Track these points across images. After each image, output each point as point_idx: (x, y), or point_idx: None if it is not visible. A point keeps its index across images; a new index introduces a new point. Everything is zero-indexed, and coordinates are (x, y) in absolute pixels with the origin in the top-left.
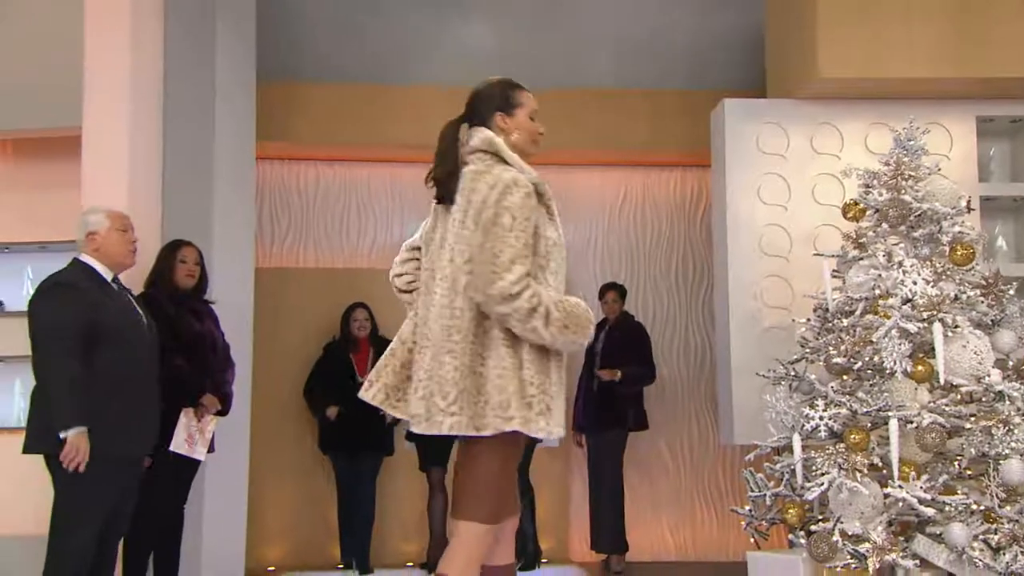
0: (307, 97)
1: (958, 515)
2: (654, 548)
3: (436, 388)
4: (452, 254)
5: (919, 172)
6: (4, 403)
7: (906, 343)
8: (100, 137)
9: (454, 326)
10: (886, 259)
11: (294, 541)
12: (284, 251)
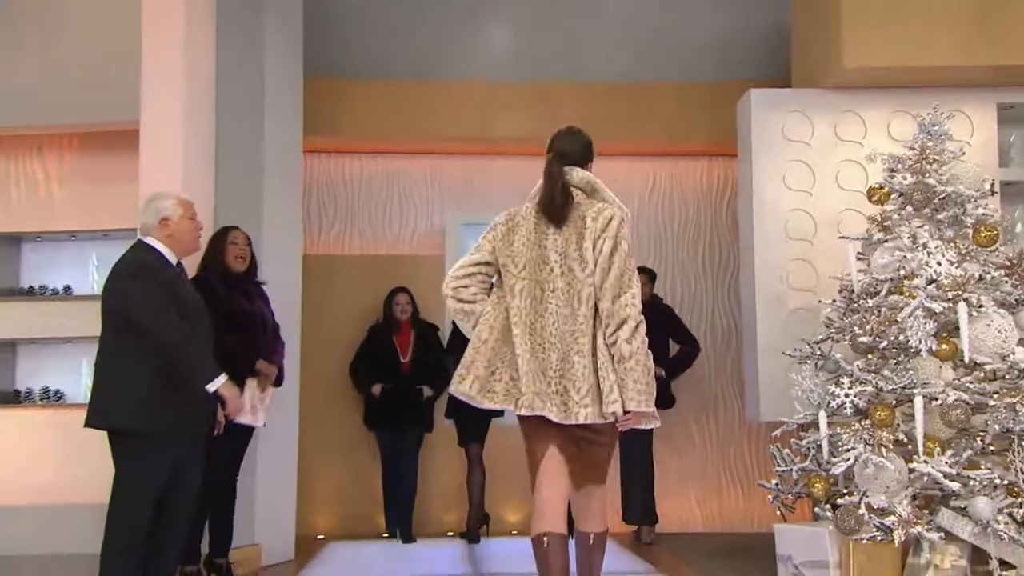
0: (351, 93)
1: (982, 489)
2: (682, 520)
3: (570, 384)
4: (566, 270)
5: (943, 156)
6: (72, 381)
7: (931, 322)
8: (156, 131)
9: (580, 331)
10: (911, 241)
11: (341, 511)
12: (331, 239)
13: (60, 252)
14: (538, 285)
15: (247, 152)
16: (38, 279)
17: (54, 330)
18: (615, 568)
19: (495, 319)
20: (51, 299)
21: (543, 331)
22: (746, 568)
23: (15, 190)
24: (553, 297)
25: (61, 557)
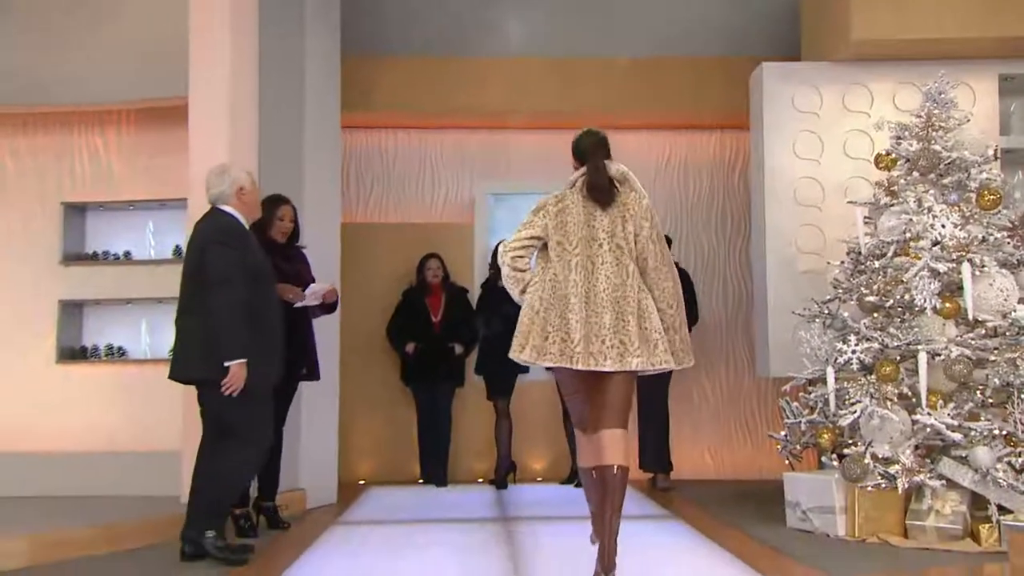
0: (386, 70)
1: (983, 440)
2: (695, 468)
3: (625, 338)
4: (615, 246)
5: (949, 123)
6: (133, 339)
7: (936, 282)
8: (204, 106)
9: (630, 296)
10: (916, 205)
11: (381, 459)
12: (368, 209)
13: (120, 220)
14: (589, 259)
15: (288, 127)
16: (101, 245)
17: (116, 292)
18: (632, 512)
19: (543, 290)
20: (113, 263)
21: (596, 298)
22: (756, 513)
23: (79, 163)
24: (603, 269)
25: (123, 497)
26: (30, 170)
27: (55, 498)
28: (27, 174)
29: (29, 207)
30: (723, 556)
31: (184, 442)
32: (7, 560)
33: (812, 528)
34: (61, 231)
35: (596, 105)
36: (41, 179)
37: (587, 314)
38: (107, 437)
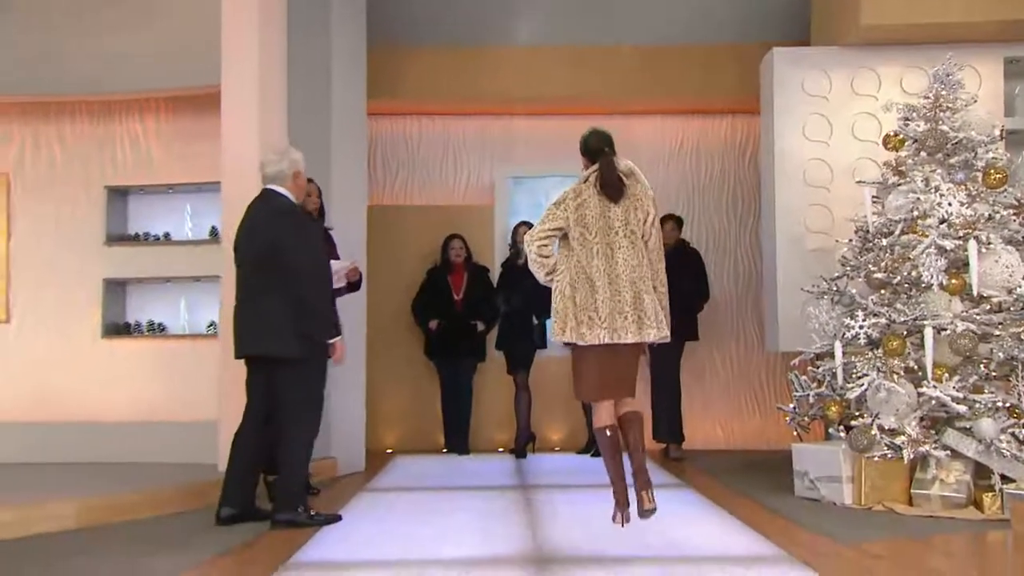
0: (409, 60)
1: (987, 411)
2: (706, 438)
3: (642, 314)
4: (629, 233)
5: (956, 104)
6: (173, 316)
7: (942, 259)
8: (235, 94)
9: (644, 276)
10: (924, 184)
11: (406, 429)
12: (395, 191)
13: (159, 203)
14: (608, 246)
15: (316, 114)
16: (142, 227)
17: (156, 271)
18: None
19: (571, 275)
20: (153, 244)
21: (617, 279)
22: (765, 482)
23: (121, 149)
24: (620, 253)
25: (163, 465)
26: (75, 156)
27: (101, 464)
28: (73, 160)
29: (75, 192)
30: (734, 523)
31: (220, 412)
32: (57, 522)
33: (819, 496)
34: (105, 214)
35: (612, 92)
36: (86, 165)
37: (611, 293)
38: (148, 408)
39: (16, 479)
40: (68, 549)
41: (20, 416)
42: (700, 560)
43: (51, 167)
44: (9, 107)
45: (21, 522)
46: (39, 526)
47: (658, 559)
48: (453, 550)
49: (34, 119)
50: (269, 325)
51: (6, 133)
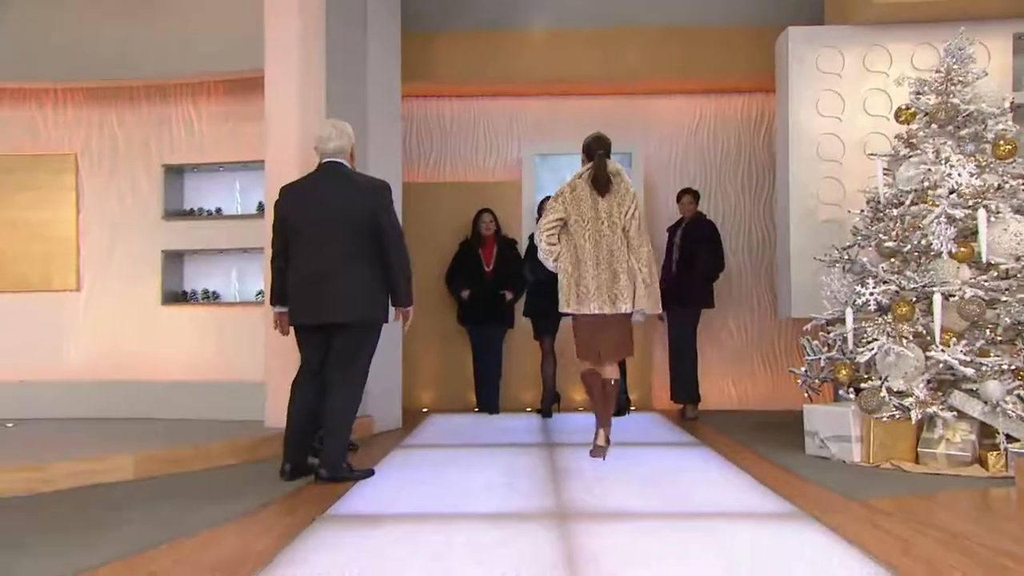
0: (442, 44)
1: (993, 374)
2: (720, 399)
3: (617, 292)
4: (611, 223)
5: (967, 78)
6: (225, 284)
7: (952, 228)
8: (277, 78)
9: (621, 260)
10: (935, 156)
11: (441, 390)
12: (428, 169)
13: (211, 180)
14: (597, 232)
15: (353, 96)
16: (196, 202)
17: (209, 243)
18: (664, 439)
19: (571, 257)
20: (207, 218)
21: (602, 262)
22: (777, 440)
23: (176, 130)
24: (606, 241)
25: (214, 421)
26: (136, 138)
27: (159, 420)
28: (133, 141)
29: (136, 170)
30: (746, 480)
31: (268, 374)
32: (115, 474)
33: (829, 455)
34: (162, 191)
35: (633, 72)
36: (145, 146)
37: (596, 273)
38: (202, 369)
39: (82, 433)
40: (124, 499)
41: (90, 376)
42: (713, 516)
43: (114, 148)
44: (76, 93)
45: (83, 473)
46: (100, 477)
47: (673, 515)
48: (479, 505)
49: (98, 104)
50: (362, 291)
51: (74, 117)
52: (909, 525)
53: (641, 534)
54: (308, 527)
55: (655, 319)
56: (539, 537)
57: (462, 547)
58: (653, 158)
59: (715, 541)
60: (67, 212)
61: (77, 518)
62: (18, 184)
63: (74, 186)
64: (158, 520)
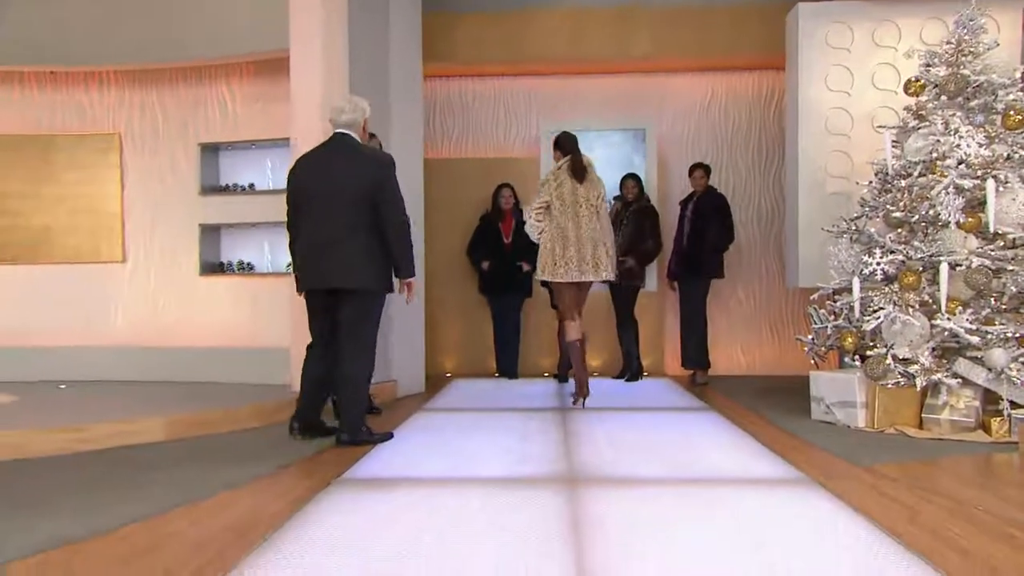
0: (462, 25)
1: (998, 342)
2: (729, 365)
3: (598, 261)
4: (588, 206)
5: (978, 48)
6: (258, 256)
7: (960, 198)
8: (302, 59)
9: (597, 236)
10: (943, 127)
11: (463, 356)
12: (450, 146)
13: (245, 157)
14: (576, 214)
15: (375, 77)
16: (231, 178)
17: (243, 217)
18: (674, 404)
19: (552, 235)
20: (241, 194)
21: (582, 238)
22: (783, 405)
23: (211, 110)
24: (583, 220)
25: (245, 385)
26: (174, 118)
27: (195, 384)
28: (172, 121)
29: (174, 149)
30: (753, 445)
31: (292, 340)
32: (147, 435)
33: (834, 420)
34: (199, 168)
35: (647, 51)
36: (183, 125)
37: (577, 248)
38: (237, 335)
39: (122, 396)
40: (152, 460)
41: (134, 341)
42: (720, 482)
43: (155, 127)
44: (120, 76)
45: (118, 434)
46: (133, 438)
47: (680, 480)
48: (493, 469)
49: (140, 86)
50: (362, 260)
51: (118, 99)
52: (914, 492)
53: (647, 499)
54: (324, 490)
55: (667, 288)
56: (549, 502)
57: (475, 512)
58: (666, 134)
59: (721, 507)
60: (112, 188)
61: (106, 478)
62: (67, 162)
63: (118, 164)
64: (181, 481)
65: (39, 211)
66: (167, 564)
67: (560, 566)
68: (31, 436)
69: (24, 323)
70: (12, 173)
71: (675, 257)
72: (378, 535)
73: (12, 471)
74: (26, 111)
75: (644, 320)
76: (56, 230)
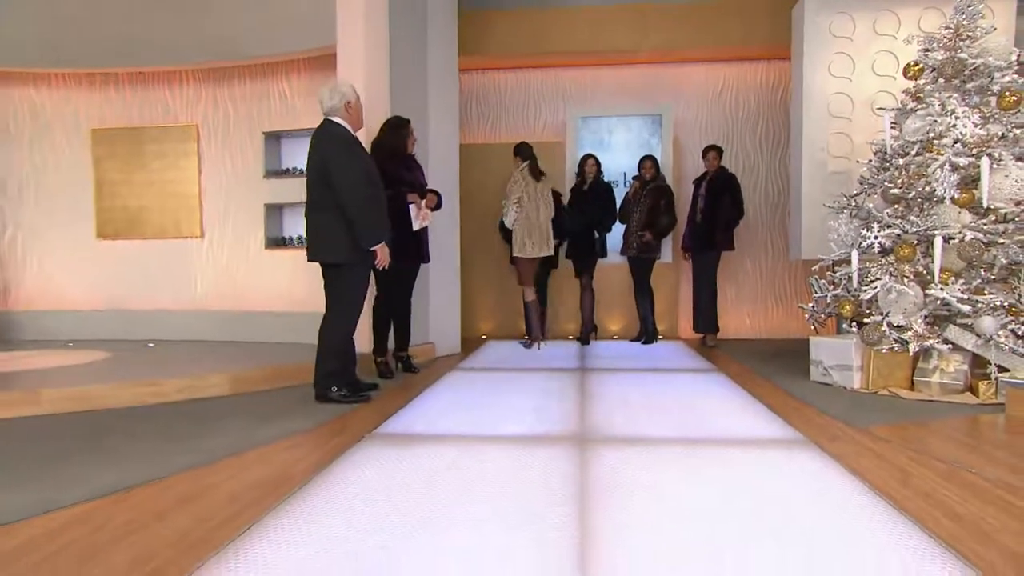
0: (494, 22)
1: (988, 310)
2: (737, 329)
3: (546, 239)
4: (544, 200)
5: (976, 33)
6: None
7: (955, 175)
8: (347, 54)
9: (548, 223)
10: (940, 108)
11: (496, 320)
12: (485, 132)
13: (303, 144)
14: (535, 205)
15: (414, 70)
16: (291, 162)
17: (302, 197)
18: (685, 365)
19: (521, 221)
20: (300, 176)
21: (541, 225)
22: (785, 368)
23: (273, 102)
24: (541, 210)
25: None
26: (242, 109)
27: (262, 344)
28: (240, 112)
29: (243, 137)
30: (756, 406)
31: None
32: (214, 389)
33: (832, 382)
34: (263, 154)
35: (663, 44)
36: (249, 116)
37: (539, 232)
38: (298, 301)
39: (195, 353)
40: (212, 413)
41: (211, 306)
42: (724, 442)
43: (226, 119)
44: (197, 74)
45: (189, 388)
46: (201, 392)
47: (685, 440)
48: (512, 427)
49: (213, 83)
50: (321, 235)
51: (195, 95)
52: (907, 454)
53: (653, 460)
54: (353, 446)
55: (681, 260)
56: (560, 461)
57: (489, 471)
58: (681, 119)
59: (721, 467)
60: (191, 174)
61: (171, 429)
62: (154, 152)
63: (196, 152)
64: (233, 434)
65: (133, 195)
66: (200, 515)
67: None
68: (114, 389)
69: (123, 290)
70: (112, 163)
71: (689, 231)
72: (392, 493)
73: (94, 421)
74: (121, 108)
75: (660, 289)
76: (147, 210)
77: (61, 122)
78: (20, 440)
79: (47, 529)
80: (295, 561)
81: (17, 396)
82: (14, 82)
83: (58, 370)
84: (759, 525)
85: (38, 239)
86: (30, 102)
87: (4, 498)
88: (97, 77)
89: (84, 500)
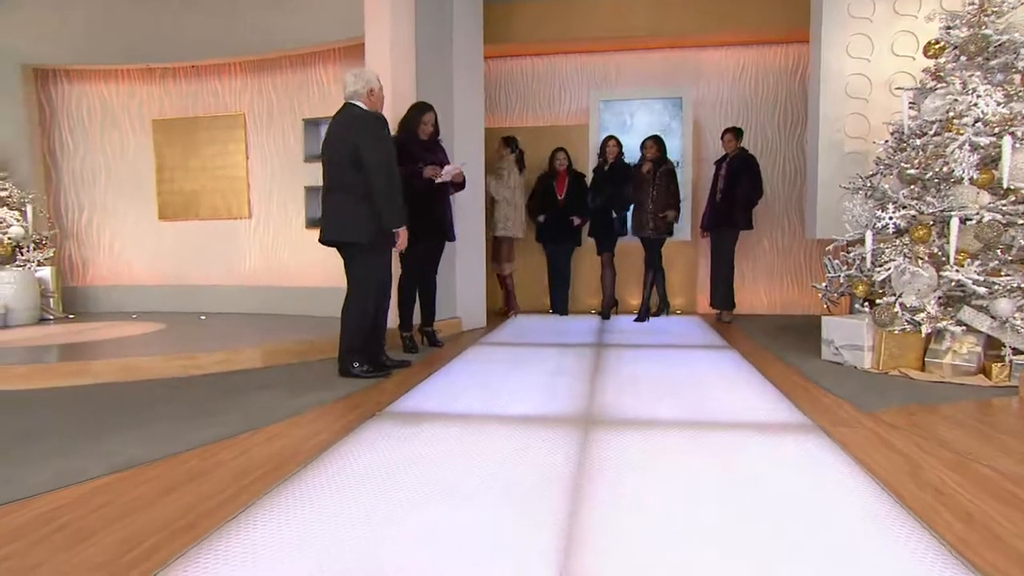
0: (519, 10)
1: (1004, 292)
2: (753, 304)
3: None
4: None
5: (1003, 7)
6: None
7: (975, 155)
8: (375, 43)
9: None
10: (961, 87)
11: (522, 295)
12: (512, 116)
13: None
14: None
15: (440, 57)
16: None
17: None
18: (700, 341)
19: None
20: None
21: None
22: (797, 345)
23: (311, 90)
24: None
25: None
26: (284, 98)
27: (302, 316)
28: (283, 101)
29: (284, 124)
30: (766, 387)
31: None
32: (247, 362)
33: (842, 361)
34: (303, 139)
35: (684, 28)
36: (291, 104)
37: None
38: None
39: (238, 326)
40: (240, 386)
41: (257, 282)
42: (731, 426)
43: (269, 107)
44: (243, 65)
45: (224, 362)
46: (235, 365)
47: (693, 424)
48: (521, 406)
49: (258, 72)
50: (345, 215)
51: (242, 84)
52: (917, 443)
53: (656, 443)
54: (363, 424)
55: (699, 238)
56: (562, 443)
57: (490, 453)
58: (701, 101)
59: (723, 452)
60: (239, 159)
61: (200, 402)
62: (206, 139)
63: (243, 138)
64: (255, 408)
65: (188, 179)
66: (205, 492)
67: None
68: (158, 361)
69: (179, 267)
70: (170, 150)
71: (709, 210)
72: (391, 473)
73: (135, 392)
74: (178, 99)
75: (679, 266)
76: (200, 193)
77: (127, 114)
78: (61, 410)
79: (57, 505)
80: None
81: (69, 367)
82: (88, 79)
83: (115, 341)
84: (755, 514)
85: (110, 220)
86: (101, 97)
87: (26, 471)
88: (157, 72)
89: (103, 474)
